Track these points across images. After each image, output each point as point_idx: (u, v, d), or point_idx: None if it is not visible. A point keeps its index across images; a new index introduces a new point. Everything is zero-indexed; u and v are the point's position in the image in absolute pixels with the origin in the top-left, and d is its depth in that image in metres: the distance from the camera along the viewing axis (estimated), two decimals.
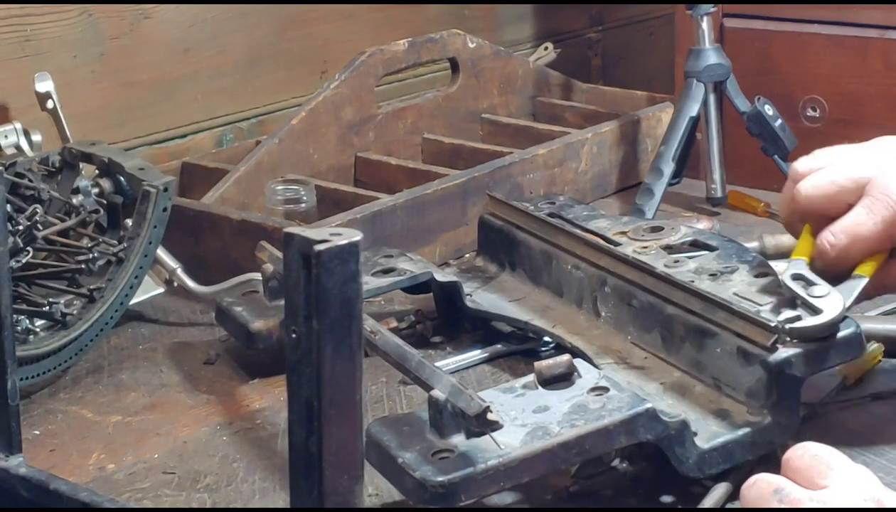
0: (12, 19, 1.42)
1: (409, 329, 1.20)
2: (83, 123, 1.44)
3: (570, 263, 1.15)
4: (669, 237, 1.14)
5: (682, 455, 0.91)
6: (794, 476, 0.79)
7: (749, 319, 0.97)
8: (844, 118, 1.74)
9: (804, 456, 0.79)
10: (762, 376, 0.95)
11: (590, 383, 0.93)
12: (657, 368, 1.03)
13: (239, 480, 0.99)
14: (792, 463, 0.79)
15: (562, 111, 1.72)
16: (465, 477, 0.85)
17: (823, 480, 0.77)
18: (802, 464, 0.79)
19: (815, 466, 0.78)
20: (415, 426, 0.90)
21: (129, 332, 1.25)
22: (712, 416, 0.96)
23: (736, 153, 1.61)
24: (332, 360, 0.63)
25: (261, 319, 1.14)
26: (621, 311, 1.09)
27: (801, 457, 0.79)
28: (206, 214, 1.33)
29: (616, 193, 1.59)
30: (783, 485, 0.78)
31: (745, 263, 1.08)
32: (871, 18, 1.70)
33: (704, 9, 1.49)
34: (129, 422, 1.09)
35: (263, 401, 1.11)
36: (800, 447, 0.80)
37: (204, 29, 1.60)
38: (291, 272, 0.64)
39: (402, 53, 1.56)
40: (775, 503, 0.77)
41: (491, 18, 1.95)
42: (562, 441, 0.87)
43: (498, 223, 1.25)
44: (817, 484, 0.77)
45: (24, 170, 1.21)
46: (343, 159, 1.54)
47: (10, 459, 0.89)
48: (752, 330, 0.96)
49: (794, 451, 0.80)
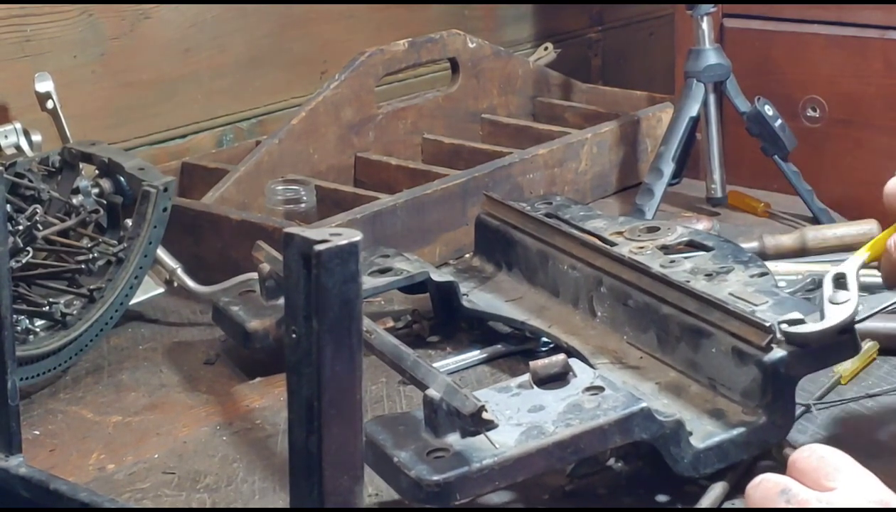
0: (12, 19, 1.42)
1: (406, 329, 1.21)
2: (83, 123, 1.44)
3: (567, 263, 1.16)
4: (666, 237, 1.15)
5: (678, 455, 0.92)
6: (801, 477, 0.79)
7: (744, 319, 0.97)
8: (844, 118, 1.74)
9: (811, 458, 0.79)
10: (757, 376, 0.95)
11: (585, 383, 0.93)
12: (653, 367, 1.03)
13: (239, 480, 1.00)
14: (799, 464, 0.79)
15: (562, 111, 1.72)
16: (460, 476, 0.85)
17: (830, 482, 0.77)
18: (809, 465, 0.79)
19: (822, 467, 0.78)
20: (410, 425, 0.90)
21: (129, 332, 1.26)
22: (707, 415, 0.96)
23: (736, 153, 1.61)
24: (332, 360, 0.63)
25: (257, 319, 1.14)
26: (617, 311, 1.09)
27: (808, 458, 0.79)
28: (206, 214, 1.34)
29: (616, 194, 1.59)
30: (790, 485, 0.78)
31: (741, 263, 1.08)
32: (871, 18, 1.70)
33: (704, 9, 1.49)
34: (129, 422, 1.09)
35: (263, 401, 1.12)
36: (807, 449, 0.80)
37: (204, 29, 1.60)
38: (291, 272, 0.64)
39: (402, 53, 1.56)
40: (782, 503, 0.77)
41: (491, 18, 1.95)
42: (557, 440, 0.87)
43: (495, 223, 1.25)
44: (824, 486, 0.77)
45: (24, 170, 1.22)
46: (343, 159, 1.54)
47: (10, 459, 0.89)
48: (747, 330, 0.96)
49: (800, 452, 0.80)
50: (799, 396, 0.98)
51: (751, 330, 0.96)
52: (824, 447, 0.80)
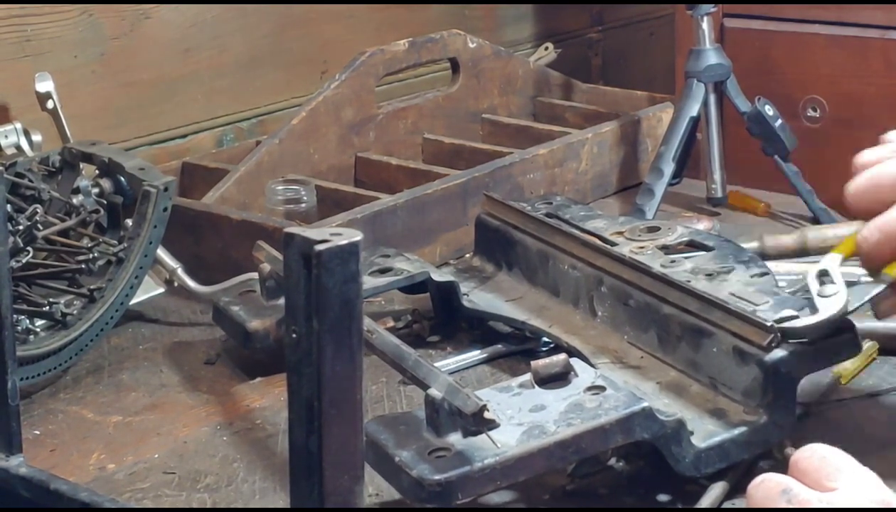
0: (12, 19, 1.42)
1: (406, 328, 1.21)
2: (83, 123, 1.44)
3: (567, 263, 1.16)
4: (666, 237, 1.15)
5: (679, 454, 0.91)
6: (802, 477, 0.78)
7: (745, 318, 0.97)
8: (844, 118, 1.74)
9: (812, 458, 0.79)
10: (758, 376, 0.95)
11: (586, 382, 0.93)
12: (653, 367, 1.03)
13: (239, 480, 1.00)
14: (800, 465, 0.79)
15: (562, 111, 1.72)
16: (462, 475, 0.85)
17: (831, 483, 0.77)
18: (811, 465, 0.78)
19: (824, 468, 0.78)
20: (411, 425, 0.90)
21: (129, 332, 1.25)
22: (708, 415, 0.96)
23: (736, 153, 1.61)
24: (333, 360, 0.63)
25: (258, 319, 1.14)
26: (617, 310, 1.09)
27: (809, 458, 0.79)
28: (206, 214, 1.34)
29: (616, 193, 1.59)
30: (791, 485, 0.77)
31: (742, 262, 1.08)
32: (871, 18, 1.70)
33: (704, 9, 1.49)
34: (130, 422, 1.09)
35: (263, 401, 1.12)
36: (808, 449, 0.80)
37: (204, 29, 1.60)
38: (291, 272, 0.64)
39: (402, 53, 1.56)
40: (783, 503, 0.77)
41: (491, 18, 1.95)
42: (558, 440, 0.87)
43: (495, 223, 1.25)
44: (825, 486, 0.77)
45: (24, 170, 1.22)
46: (343, 159, 1.54)
47: (11, 459, 0.89)
48: (748, 329, 0.96)
49: (802, 452, 0.80)
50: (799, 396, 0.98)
51: (752, 329, 0.96)
52: (826, 447, 0.80)
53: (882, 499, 0.77)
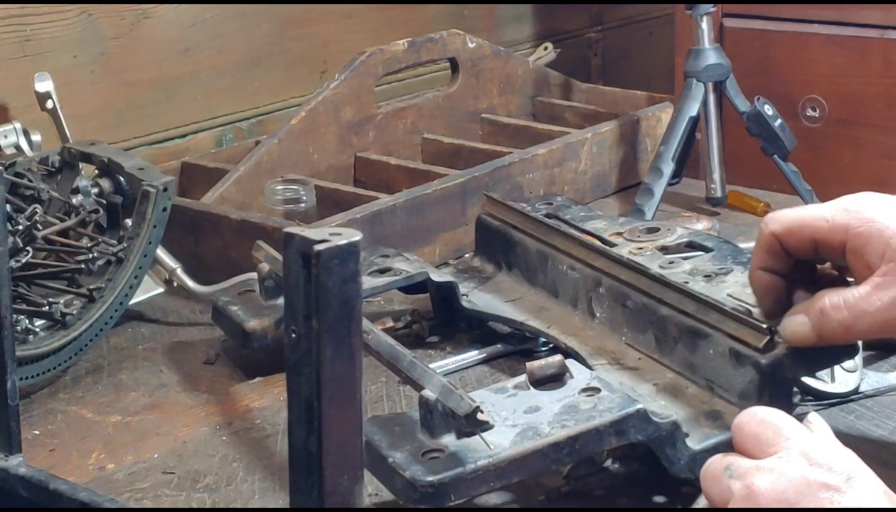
0: (12, 19, 1.42)
1: (405, 329, 1.21)
2: (83, 123, 1.44)
3: (566, 264, 1.16)
4: (665, 238, 1.15)
5: (674, 456, 0.91)
6: (744, 444, 0.78)
7: (741, 320, 0.97)
8: (844, 118, 1.74)
9: (751, 423, 0.78)
10: (754, 378, 0.95)
11: (581, 384, 0.93)
12: (650, 369, 1.03)
13: (239, 480, 1.00)
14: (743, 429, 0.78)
15: (561, 111, 1.72)
16: (455, 477, 0.85)
17: (772, 448, 0.77)
18: (751, 431, 0.78)
19: (763, 432, 0.77)
20: (406, 426, 0.90)
21: (129, 332, 1.26)
22: (705, 417, 0.96)
23: (736, 153, 1.61)
24: (332, 360, 0.63)
25: (256, 319, 1.14)
26: (616, 312, 1.09)
27: (748, 423, 0.78)
28: (206, 214, 1.34)
29: (616, 193, 1.59)
30: (731, 460, 0.77)
31: (740, 264, 1.08)
32: (871, 18, 1.71)
33: (704, 9, 1.49)
34: (129, 422, 1.09)
35: (263, 401, 1.12)
36: (747, 413, 0.79)
37: (204, 29, 1.60)
38: (291, 272, 0.64)
39: (401, 53, 1.56)
40: (726, 480, 0.77)
41: (491, 18, 1.95)
42: (552, 441, 0.87)
43: (495, 223, 1.25)
44: (767, 452, 0.77)
45: (23, 170, 1.22)
46: (343, 159, 1.54)
47: (10, 458, 0.90)
48: (745, 331, 0.96)
49: (742, 417, 0.79)
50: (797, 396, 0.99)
51: (748, 331, 0.96)
52: (766, 409, 0.79)
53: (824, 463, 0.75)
